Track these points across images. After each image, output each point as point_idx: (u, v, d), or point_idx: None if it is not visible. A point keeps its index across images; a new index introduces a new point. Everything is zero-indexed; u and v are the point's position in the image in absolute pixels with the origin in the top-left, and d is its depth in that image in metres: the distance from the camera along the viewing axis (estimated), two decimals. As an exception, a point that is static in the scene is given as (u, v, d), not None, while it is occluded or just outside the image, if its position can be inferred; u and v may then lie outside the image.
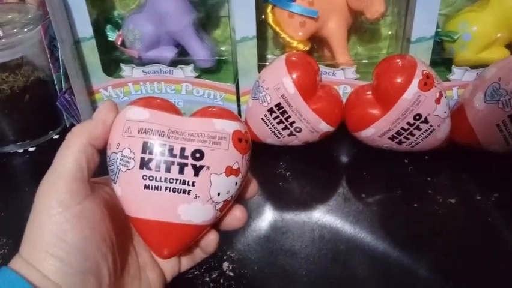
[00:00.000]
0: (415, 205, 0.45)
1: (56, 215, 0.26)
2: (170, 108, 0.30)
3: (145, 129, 0.28)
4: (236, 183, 0.29)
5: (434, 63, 0.54)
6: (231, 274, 0.38)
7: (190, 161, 0.28)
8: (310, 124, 0.49)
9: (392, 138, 0.49)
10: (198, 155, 0.28)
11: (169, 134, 0.28)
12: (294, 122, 0.49)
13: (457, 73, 0.53)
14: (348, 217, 0.44)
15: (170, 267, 0.33)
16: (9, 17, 0.56)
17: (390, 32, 0.59)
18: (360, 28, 0.59)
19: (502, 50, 0.53)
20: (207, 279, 0.37)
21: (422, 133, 0.48)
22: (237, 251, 0.40)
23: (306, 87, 0.48)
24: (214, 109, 0.31)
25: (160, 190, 0.28)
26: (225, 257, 0.39)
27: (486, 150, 0.49)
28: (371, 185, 0.48)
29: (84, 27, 0.54)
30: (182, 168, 0.28)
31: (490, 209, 0.44)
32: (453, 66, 0.54)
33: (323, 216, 0.44)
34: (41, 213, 0.27)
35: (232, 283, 0.37)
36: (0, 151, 0.56)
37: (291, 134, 0.50)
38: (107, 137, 0.29)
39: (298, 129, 0.50)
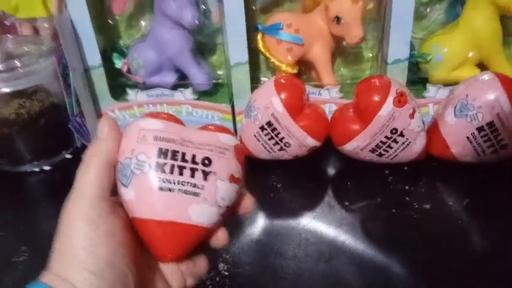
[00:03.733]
0: (393, 211, 0.50)
1: (88, 232, 0.28)
2: (177, 121, 0.33)
3: (160, 137, 0.31)
4: (236, 191, 0.33)
5: (412, 82, 0.60)
6: (226, 273, 0.42)
7: (200, 166, 0.31)
8: (299, 140, 0.54)
9: (373, 151, 0.53)
10: (206, 161, 0.31)
11: (182, 142, 0.31)
12: (283, 138, 0.54)
13: (431, 91, 0.59)
14: (332, 222, 0.48)
15: (177, 283, 0.34)
16: (26, 49, 0.61)
17: (371, 55, 0.64)
18: (344, 51, 0.65)
19: (472, 69, 0.58)
20: (204, 278, 0.42)
21: (399, 146, 0.53)
22: (231, 254, 0.45)
23: (293, 106, 0.53)
24: (213, 127, 0.35)
25: (173, 192, 0.30)
26: (220, 259, 0.44)
27: (460, 161, 0.54)
28: (354, 194, 0.53)
29: (93, 57, 0.60)
30: (193, 172, 0.31)
31: (461, 213, 0.49)
32: (427, 84, 0.59)
33: (309, 222, 0.49)
34: (72, 231, 0.29)
35: (226, 281, 0.42)
36: (18, 170, 0.61)
37: (281, 149, 0.55)
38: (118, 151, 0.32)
39: (287, 145, 0.55)
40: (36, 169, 0.61)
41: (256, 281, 0.42)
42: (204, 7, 0.61)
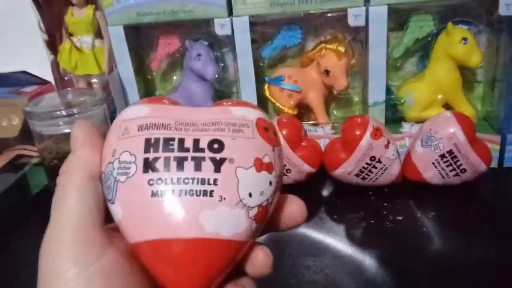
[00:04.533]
0: (372, 221, 0.62)
1: (74, 278, 0.21)
2: (175, 103, 0.25)
3: (146, 124, 0.23)
4: (270, 183, 0.24)
5: (391, 120, 0.73)
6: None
7: (208, 153, 0.22)
8: (297, 166, 0.67)
9: (357, 175, 0.66)
10: (216, 145, 0.23)
11: (177, 126, 0.23)
12: (284, 165, 0.67)
13: (406, 127, 0.72)
14: (322, 230, 0.61)
15: None
16: (82, 99, 0.78)
17: (357, 99, 0.79)
18: (337, 97, 0.79)
19: (439, 109, 0.71)
20: None
21: (378, 171, 0.65)
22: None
23: (292, 139, 0.67)
24: (228, 101, 0.26)
25: (173, 195, 0.22)
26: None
27: (429, 183, 0.66)
28: (342, 209, 0.65)
29: (135, 104, 0.76)
30: (198, 163, 0.22)
31: (426, 223, 0.61)
32: (403, 122, 0.72)
33: (304, 230, 0.61)
34: (52, 278, 0.21)
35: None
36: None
37: (283, 174, 0.68)
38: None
39: (288, 171, 0.68)
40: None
41: (260, 283, 0.54)
42: (222, 64, 0.77)
